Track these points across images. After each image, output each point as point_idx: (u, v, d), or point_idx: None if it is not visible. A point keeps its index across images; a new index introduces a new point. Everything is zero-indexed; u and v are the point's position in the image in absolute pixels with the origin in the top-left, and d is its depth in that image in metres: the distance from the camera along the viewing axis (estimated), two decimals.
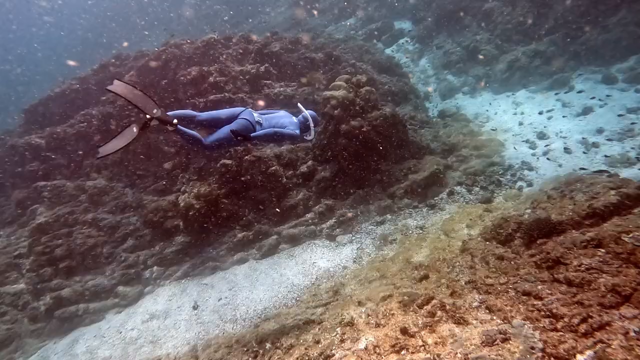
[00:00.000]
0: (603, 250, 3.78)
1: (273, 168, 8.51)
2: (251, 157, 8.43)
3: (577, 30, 12.70)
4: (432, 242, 6.93)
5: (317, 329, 5.08)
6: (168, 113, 4.14)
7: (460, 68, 14.81)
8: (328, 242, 7.86)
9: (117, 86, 3.84)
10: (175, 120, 4.09)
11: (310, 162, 8.77)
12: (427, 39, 16.84)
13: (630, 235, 3.68)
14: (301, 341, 4.91)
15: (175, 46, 10.03)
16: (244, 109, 4.83)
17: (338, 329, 4.74)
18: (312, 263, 7.29)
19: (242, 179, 8.39)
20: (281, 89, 10.20)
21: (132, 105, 3.90)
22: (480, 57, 14.29)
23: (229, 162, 8.40)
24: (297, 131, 4.86)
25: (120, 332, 6.69)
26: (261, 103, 9.57)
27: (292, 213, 8.38)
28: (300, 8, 22.47)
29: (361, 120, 8.56)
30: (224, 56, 10.22)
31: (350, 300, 5.59)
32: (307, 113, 4.95)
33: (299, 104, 5.17)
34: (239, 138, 4.42)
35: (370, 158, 8.71)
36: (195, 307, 6.88)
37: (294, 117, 5.12)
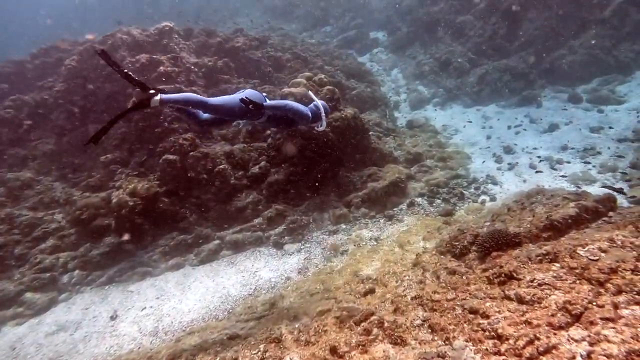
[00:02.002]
0: (558, 265, 3.41)
1: (221, 166, 7.79)
2: (197, 153, 7.70)
3: (546, 49, 12.80)
4: (385, 255, 6.46)
5: (240, 345, 4.40)
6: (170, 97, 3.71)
7: (432, 79, 14.65)
8: (274, 250, 7.18)
9: None
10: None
11: (263, 163, 8.10)
12: (401, 49, 16.73)
13: (586, 248, 3.30)
14: (218, 359, 4.22)
15: (125, 32, 9.22)
16: (246, 89, 4.40)
17: (261, 346, 4.11)
18: (253, 272, 6.59)
19: (186, 176, 7.62)
20: (240, 85, 9.55)
21: None
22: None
23: (172, 157, 7.64)
24: (309, 114, 4.47)
25: (14, 349, 5.60)
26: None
27: (239, 217, 7.65)
28: (275, 15, 22.18)
29: None
30: (180, 46, 9.50)
31: (286, 314, 5.01)
32: (318, 102, 4.61)
33: (310, 93, 4.93)
34: (250, 106, 3.90)
35: (328, 162, 8.13)
36: (113, 318, 5.99)
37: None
